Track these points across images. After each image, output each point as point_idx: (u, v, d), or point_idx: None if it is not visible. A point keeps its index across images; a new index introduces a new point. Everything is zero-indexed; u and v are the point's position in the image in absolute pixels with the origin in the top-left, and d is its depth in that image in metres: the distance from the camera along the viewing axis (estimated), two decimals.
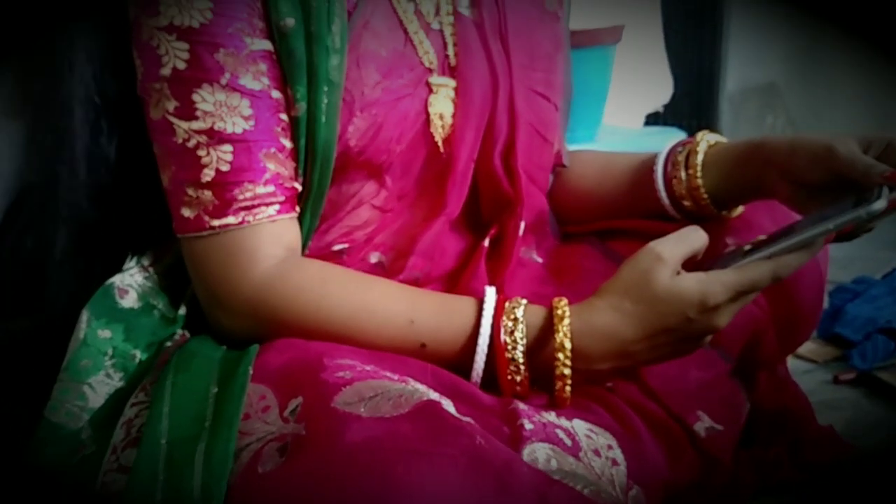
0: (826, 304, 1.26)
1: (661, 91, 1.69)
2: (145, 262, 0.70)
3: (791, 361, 0.96)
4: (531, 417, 0.59)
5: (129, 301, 0.67)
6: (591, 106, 1.32)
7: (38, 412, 0.62)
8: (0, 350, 0.71)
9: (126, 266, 0.69)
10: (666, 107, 1.79)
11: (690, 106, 2.04)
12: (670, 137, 1.33)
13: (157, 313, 0.68)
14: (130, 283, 0.68)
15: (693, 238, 0.63)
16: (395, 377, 0.56)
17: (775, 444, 0.84)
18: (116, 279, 0.67)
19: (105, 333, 0.64)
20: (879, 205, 0.60)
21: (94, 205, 0.70)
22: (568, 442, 0.59)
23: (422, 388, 0.56)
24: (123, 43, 0.65)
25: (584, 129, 1.31)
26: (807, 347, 1.19)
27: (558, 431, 0.59)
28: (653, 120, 1.76)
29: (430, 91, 0.70)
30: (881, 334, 1.17)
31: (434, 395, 0.56)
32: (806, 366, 1.17)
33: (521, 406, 0.60)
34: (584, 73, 0.88)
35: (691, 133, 0.86)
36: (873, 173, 0.63)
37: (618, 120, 1.50)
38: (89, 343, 0.63)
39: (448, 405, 0.56)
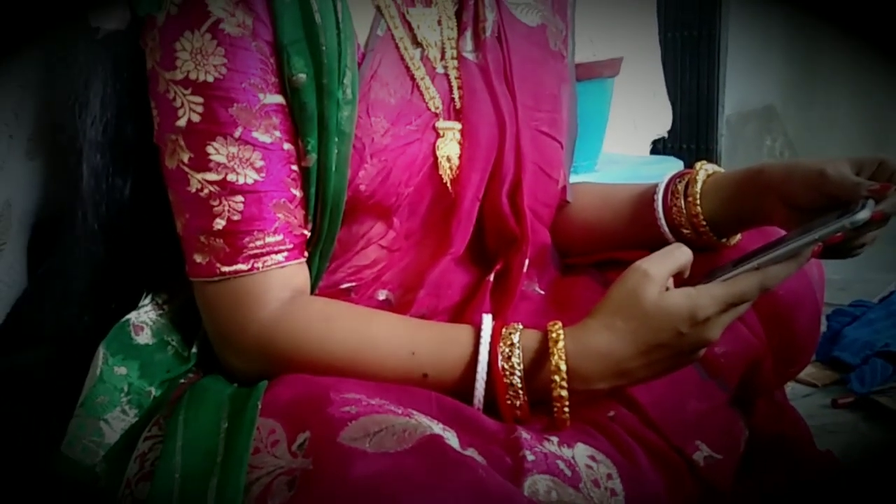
0: (824, 327, 1.28)
1: (661, 119, 1.71)
2: (160, 300, 0.72)
3: (790, 385, 0.97)
4: (533, 448, 0.61)
5: (144, 338, 0.69)
6: (591, 137, 1.34)
7: (52, 440, 0.64)
8: (18, 379, 0.73)
9: (141, 303, 0.71)
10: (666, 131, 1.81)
11: (690, 130, 2.06)
12: (668, 166, 1.35)
13: (171, 350, 0.70)
14: (145, 319, 0.70)
15: (678, 254, 0.64)
16: (400, 411, 0.58)
17: (774, 470, 0.85)
18: (132, 316, 0.69)
19: (121, 370, 0.66)
20: (863, 215, 0.62)
21: (109, 244, 0.72)
22: (568, 473, 0.60)
23: (425, 421, 0.58)
24: (141, 87, 0.67)
25: (585, 159, 1.33)
26: (806, 371, 1.20)
27: (559, 462, 0.61)
28: (656, 147, 1.78)
29: (438, 135, 0.73)
30: (879, 358, 1.18)
31: (437, 429, 0.57)
32: (805, 389, 1.19)
33: (524, 435, 0.62)
34: (584, 105, 0.90)
35: (690, 157, 0.89)
36: (860, 189, 0.65)
37: (618, 148, 1.52)
38: (105, 379, 0.65)
39: (451, 437, 0.58)
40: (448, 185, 0.74)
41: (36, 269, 0.76)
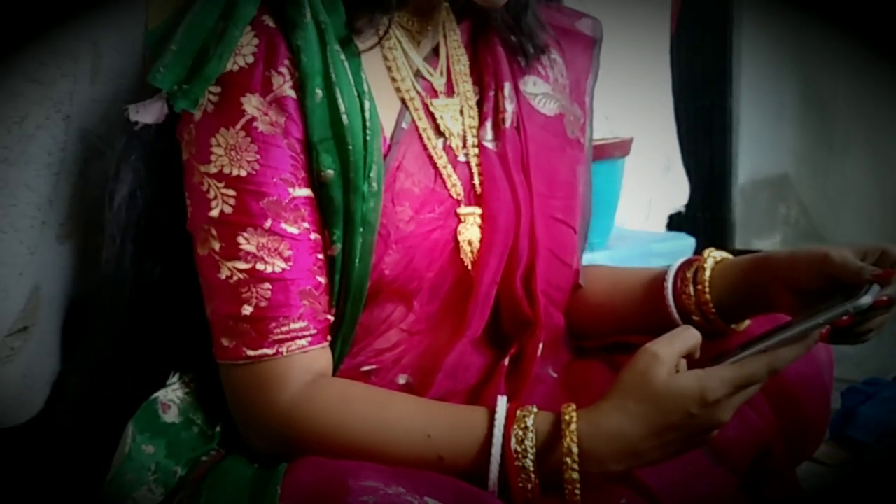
0: (838, 404, 1.27)
1: (677, 194, 1.73)
2: (187, 378, 0.74)
3: (803, 464, 0.97)
4: None
5: (171, 416, 0.71)
6: (603, 216, 1.35)
7: None
8: (46, 449, 0.75)
9: (169, 381, 0.73)
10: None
11: (704, 199, 2.06)
12: (680, 243, 1.37)
13: (197, 429, 0.72)
14: (172, 398, 0.72)
15: (686, 336, 0.66)
16: (416, 501, 0.59)
17: None
18: (160, 394, 0.71)
19: (149, 449, 0.68)
20: (866, 299, 0.65)
21: (138, 324, 0.75)
22: None
23: None
24: (175, 176, 0.70)
25: (596, 237, 1.35)
26: (819, 450, 1.19)
27: None
28: (671, 217, 1.79)
29: (459, 221, 0.76)
30: (893, 438, 1.18)
31: None
32: (818, 468, 1.18)
33: None
34: (595, 185, 0.91)
35: (705, 226, 0.91)
36: (863, 274, 0.67)
37: (632, 223, 1.54)
38: (134, 457, 0.67)
39: None
40: (469, 267, 0.76)
41: (70, 350, 0.78)
